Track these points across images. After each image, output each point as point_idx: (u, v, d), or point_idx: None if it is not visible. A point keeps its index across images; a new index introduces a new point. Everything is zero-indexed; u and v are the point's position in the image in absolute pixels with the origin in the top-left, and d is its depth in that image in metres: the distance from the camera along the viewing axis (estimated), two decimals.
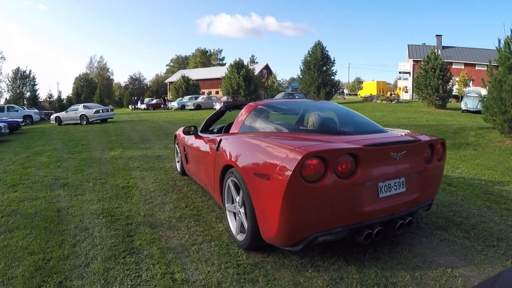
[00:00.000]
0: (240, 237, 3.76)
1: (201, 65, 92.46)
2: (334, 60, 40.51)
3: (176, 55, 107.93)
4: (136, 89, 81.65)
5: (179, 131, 7.09)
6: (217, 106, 36.21)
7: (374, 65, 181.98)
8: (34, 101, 50.79)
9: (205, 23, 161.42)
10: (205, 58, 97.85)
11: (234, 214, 3.98)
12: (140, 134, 15.93)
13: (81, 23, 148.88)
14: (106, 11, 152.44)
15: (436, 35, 52.76)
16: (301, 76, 41.27)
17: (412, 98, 48.96)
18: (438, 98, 29.92)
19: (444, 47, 51.16)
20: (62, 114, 26.72)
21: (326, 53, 40.29)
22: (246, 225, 3.54)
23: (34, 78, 58.27)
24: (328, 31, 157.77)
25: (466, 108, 27.75)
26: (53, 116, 27.53)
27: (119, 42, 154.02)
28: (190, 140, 5.98)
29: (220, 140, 4.36)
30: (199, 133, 5.64)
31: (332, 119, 4.32)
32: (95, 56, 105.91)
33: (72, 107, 27.52)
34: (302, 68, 40.84)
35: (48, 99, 57.51)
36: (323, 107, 4.93)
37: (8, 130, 18.21)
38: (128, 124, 21.77)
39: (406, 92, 55.75)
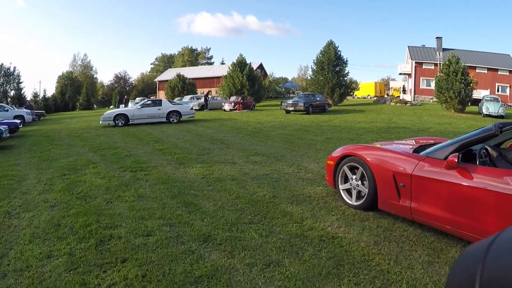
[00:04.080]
0: None
1: (189, 63, 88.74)
2: (347, 61, 38.06)
3: (161, 53, 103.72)
4: (122, 87, 77.83)
5: (367, 153, 5.34)
6: (226, 106, 33.37)
7: (353, 64, 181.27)
8: (19, 100, 46.58)
9: (186, 22, 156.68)
10: (193, 56, 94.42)
11: None
12: (186, 141, 12.94)
13: (61, 21, 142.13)
14: (83, 8, 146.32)
15: (436, 37, 51.63)
16: (312, 76, 38.59)
17: (414, 99, 47.23)
18: (458, 102, 29.20)
19: (444, 49, 49.71)
20: (131, 111, 20.37)
21: (339, 53, 37.75)
22: None
23: (19, 75, 53.99)
24: (309, 31, 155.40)
25: (487, 113, 27.46)
26: (110, 114, 20.16)
27: (98, 41, 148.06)
28: (436, 170, 4.35)
29: None
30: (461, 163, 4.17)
31: None
32: (78, 54, 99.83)
33: (144, 102, 21.99)
34: (314, 68, 38.17)
35: (33, 97, 53.14)
36: None
37: (9, 134, 14.87)
38: (150, 128, 18.27)
39: (405, 93, 54.13)
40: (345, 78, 38.23)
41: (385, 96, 58.02)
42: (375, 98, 54.80)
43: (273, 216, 5.00)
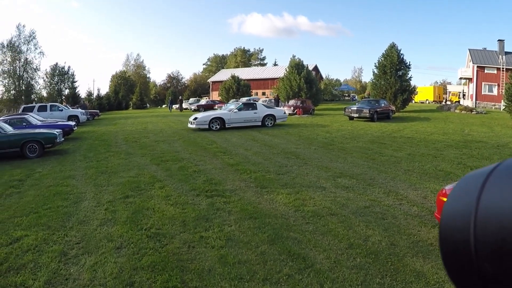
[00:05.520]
0: None
1: (242, 64, 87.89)
2: (410, 65, 35.76)
3: (213, 53, 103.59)
4: (174, 87, 78.05)
5: None
6: (285, 110, 31.98)
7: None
8: (74, 99, 47.13)
9: (237, 23, 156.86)
10: (246, 57, 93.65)
11: None
12: (257, 153, 11.68)
13: (114, 21, 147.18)
14: (136, 8, 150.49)
15: (498, 40, 47.30)
16: (374, 81, 36.45)
17: (476, 106, 44.03)
18: None
19: (506, 53, 45.92)
20: (227, 115, 19.30)
21: (402, 56, 35.51)
22: None
23: (73, 74, 54.84)
24: (361, 32, 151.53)
25: None
26: (206, 118, 19.06)
27: (150, 40, 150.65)
28: None
29: None
30: None
31: None
32: (131, 54, 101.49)
33: (236, 105, 21.07)
34: (375, 72, 36.01)
35: (87, 96, 53.78)
36: None
37: (63, 139, 14.10)
38: (211, 135, 17.03)
39: (464, 98, 50.95)
40: (408, 83, 35.91)
41: (445, 101, 55.16)
42: (434, 103, 52.06)
43: (405, 279, 3.93)
